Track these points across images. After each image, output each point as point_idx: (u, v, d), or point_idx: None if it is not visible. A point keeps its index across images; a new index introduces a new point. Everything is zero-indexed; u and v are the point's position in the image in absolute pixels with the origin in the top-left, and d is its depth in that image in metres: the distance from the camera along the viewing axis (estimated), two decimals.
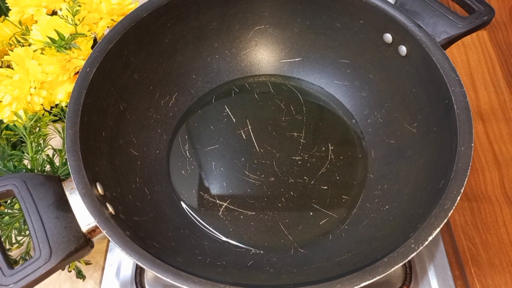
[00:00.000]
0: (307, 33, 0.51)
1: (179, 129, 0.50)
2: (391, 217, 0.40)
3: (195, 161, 0.48)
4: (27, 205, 0.33)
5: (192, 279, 0.30)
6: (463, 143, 0.35)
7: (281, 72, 0.54)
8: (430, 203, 0.34)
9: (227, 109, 0.51)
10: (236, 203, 0.45)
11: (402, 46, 0.43)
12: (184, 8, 0.46)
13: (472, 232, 0.47)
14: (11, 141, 0.44)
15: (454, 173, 0.34)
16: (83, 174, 0.34)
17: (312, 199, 0.45)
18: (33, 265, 0.31)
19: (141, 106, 0.47)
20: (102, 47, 0.40)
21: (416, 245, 0.31)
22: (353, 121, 0.51)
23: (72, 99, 0.37)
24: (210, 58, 0.52)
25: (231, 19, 0.50)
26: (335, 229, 0.44)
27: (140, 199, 0.42)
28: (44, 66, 0.43)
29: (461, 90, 0.37)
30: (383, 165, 0.46)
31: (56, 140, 0.45)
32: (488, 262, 0.46)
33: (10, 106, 0.42)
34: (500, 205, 0.49)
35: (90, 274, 0.47)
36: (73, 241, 0.33)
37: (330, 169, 0.47)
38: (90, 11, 0.46)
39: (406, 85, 0.44)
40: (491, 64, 0.61)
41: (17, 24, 0.46)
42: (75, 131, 0.35)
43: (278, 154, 0.48)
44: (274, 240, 0.43)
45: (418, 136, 0.43)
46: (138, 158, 0.45)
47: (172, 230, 0.42)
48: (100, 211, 0.32)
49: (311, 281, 0.30)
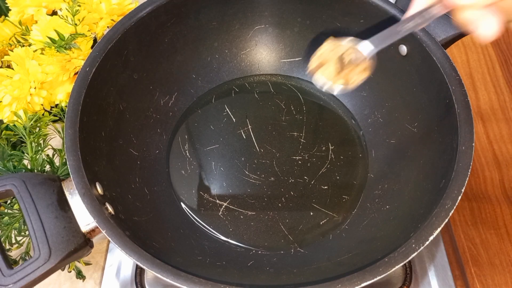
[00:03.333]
0: (307, 33, 0.51)
1: (179, 129, 0.50)
2: (391, 217, 0.40)
3: (195, 161, 0.48)
4: (26, 205, 0.33)
5: (192, 279, 0.30)
6: (463, 142, 0.35)
7: (281, 72, 0.54)
8: (431, 203, 0.34)
9: (227, 108, 0.51)
10: (236, 203, 0.45)
11: (403, 45, 0.43)
12: (184, 7, 0.46)
13: (472, 232, 0.47)
14: (11, 141, 0.44)
15: (455, 173, 0.34)
16: (82, 174, 0.34)
17: (313, 199, 0.45)
18: (32, 265, 0.31)
19: (141, 106, 0.47)
20: (102, 47, 0.40)
21: (417, 245, 0.31)
22: (353, 121, 0.51)
23: (71, 98, 0.37)
24: (210, 57, 0.52)
25: (231, 19, 0.50)
26: (335, 229, 0.44)
27: (139, 199, 0.42)
28: (44, 66, 0.43)
29: (462, 90, 0.37)
30: (384, 164, 0.46)
31: (56, 140, 0.45)
32: (488, 262, 0.45)
33: (10, 106, 0.42)
34: (500, 205, 0.49)
35: (90, 274, 0.47)
36: (73, 241, 0.33)
37: (330, 169, 0.47)
38: (90, 11, 0.46)
39: (406, 85, 0.44)
40: (491, 64, 0.61)
41: (17, 24, 0.46)
42: (74, 131, 0.35)
43: (278, 154, 0.48)
44: (274, 240, 0.43)
45: (419, 136, 0.43)
46: (138, 158, 0.45)
47: (172, 230, 0.42)
48: (99, 211, 0.32)
49: (311, 281, 0.30)
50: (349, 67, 0.31)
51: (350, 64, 0.31)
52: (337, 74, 0.32)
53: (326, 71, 0.32)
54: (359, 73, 0.32)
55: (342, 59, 0.32)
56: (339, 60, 0.32)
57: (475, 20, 0.28)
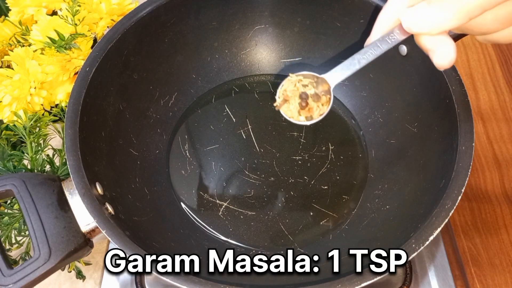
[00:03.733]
0: (307, 33, 0.51)
1: (179, 129, 0.50)
2: (391, 217, 0.40)
3: (195, 161, 0.48)
4: (26, 205, 0.33)
5: (192, 279, 0.30)
6: (464, 142, 0.35)
7: (281, 72, 0.54)
8: (431, 203, 0.34)
9: (227, 108, 0.51)
10: (236, 203, 0.45)
11: (403, 45, 0.43)
12: (184, 7, 0.46)
13: (472, 232, 0.47)
14: (11, 141, 0.44)
15: (455, 173, 0.34)
16: (82, 174, 0.34)
17: (312, 199, 0.45)
18: (32, 265, 0.31)
19: (141, 106, 0.47)
20: (102, 47, 0.40)
21: (417, 245, 0.31)
22: (353, 121, 0.51)
23: (71, 98, 0.37)
24: (210, 57, 0.52)
25: (231, 19, 0.50)
26: (335, 229, 0.44)
27: (139, 199, 0.42)
28: (44, 66, 0.43)
29: (462, 90, 0.37)
30: (384, 164, 0.46)
31: (56, 140, 0.45)
32: (488, 262, 0.45)
33: (10, 106, 0.42)
34: (500, 205, 0.49)
35: (90, 274, 0.47)
36: (73, 241, 0.33)
37: (330, 169, 0.47)
38: (90, 11, 0.46)
39: (406, 85, 0.44)
40: (491, 64, 0.61)
41: (17, 24, 0.46)
42: (74, 130, 0.35)
43: (278, 154, 0.48)
44: (274, 240, 0.43)
45: (419, 136, 0.43)
46: (138, 158, 0.45)
47: (172, 230, 0.42)
48: (99, 211, 0.32)
49: (311, 281, 0.30)
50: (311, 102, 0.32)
51: (312, 99, 0.32)
52: (301, 109, 0.33)
53: (290, 107, 0.33)
54: (322, 106, 0.33)
55: (303, 95, 0.33)
56: (301, 96, 0.33)
57: (432, 48, 0.27)
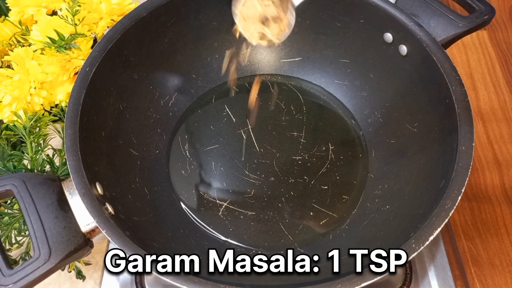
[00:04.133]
0: (307, 33, 0.51)
1: (179, 129, 0.50)
2: (391, 217, 0.40)
3: (195, 161, 0.48)
4: (26, 205, 0.33)
5: (192, 279, 0.30)
6: (464, 142, 0.35)
7: (281, 72, 0.54)
8: (431, 203, 0.34)
9: (227, 108, 0.51)
10: (236, 203, 0.45)
11: (403, 45, 0.43)
12: (184, 7, 0.46)
13: (472, 232, 0.47)
14: (11, 141, 0.44)
15: (455, 173, 0.34)
16: (82, 174, 0.34)
17: (312, 199, 0.45)
18: (32, 265, 0.31)
19: (141, 106, 0.47)
20: (102, 47, 0.40)
21: (417, 245, 0.31)
22: (353, 121, 0.51)
23: (71, 98, 0.37)
24: (210, 57, 0.52)
25: (231, 19, 0.49)
26: (335, 229, 0.44)
27: (139, 199, 0.42)
28: (44, 66, 0.43)
29: (462, 90, 0.37)
30: (384, 164, 0.46)
31: (56, 140, 0.45)
32: (488, 262, 0.45)
33: (10, 106, 0.42)
34: (500, 205, 0.49)
35: (90, 274, 0.47)
36: (73, 241, 0.33)
37: (330, 169, 0.47)
38: (90, 11, 0.46)
39: (406, 85, 0.44)
40: (491, 64, 0.61)
41: (17, 24, 0.46)
42: (74, 130, 0.35)
43: (278, 154, 0.48)
44: (274, 240, 0.43)
45: (419, 136, 0.43)
46: (138, 158, 0.45)
47: (172, 230, 0.42)
48: (99, 211, 0.32)
49: (311, 281, 0.30)
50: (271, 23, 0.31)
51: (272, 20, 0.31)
52: (260, 30, 0.31)
53: (249, 29, 0.31)
54: (282, 29, 0.31)
55: (263, 15, 0.31)
56: (261, 16, 0.31)
57: None
